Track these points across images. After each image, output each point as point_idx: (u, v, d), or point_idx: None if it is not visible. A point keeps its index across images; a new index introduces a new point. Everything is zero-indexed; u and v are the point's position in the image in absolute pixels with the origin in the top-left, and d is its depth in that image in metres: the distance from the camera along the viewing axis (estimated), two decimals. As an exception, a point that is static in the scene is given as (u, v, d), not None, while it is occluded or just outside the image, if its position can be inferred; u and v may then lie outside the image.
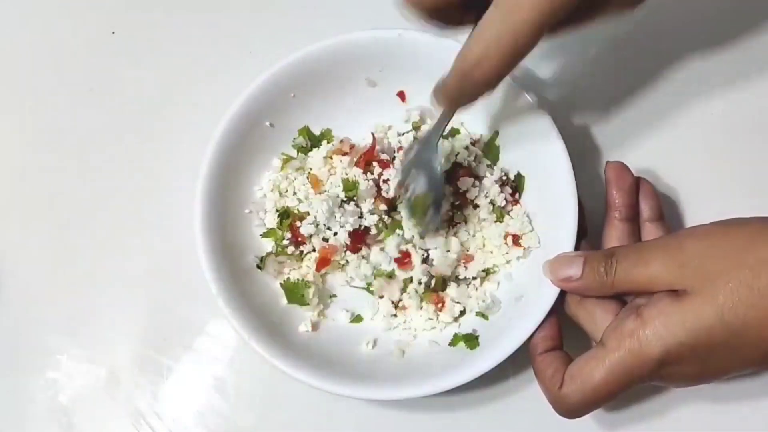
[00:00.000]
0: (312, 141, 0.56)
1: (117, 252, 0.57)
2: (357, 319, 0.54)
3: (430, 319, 0.53)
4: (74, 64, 0.61)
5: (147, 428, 0.54)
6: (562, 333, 0.49)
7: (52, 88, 0.61)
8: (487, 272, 0.54)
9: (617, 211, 0.50)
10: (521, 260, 0.53)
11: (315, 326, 0.53)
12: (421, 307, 0.53)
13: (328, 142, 0.55)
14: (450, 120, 0.49)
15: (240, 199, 0.54)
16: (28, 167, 0.59)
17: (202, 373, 0.55)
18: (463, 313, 0.53)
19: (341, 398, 0.50)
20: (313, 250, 0.54)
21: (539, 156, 0.52)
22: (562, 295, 0.49)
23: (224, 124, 0.52)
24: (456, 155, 0.54)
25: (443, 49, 0.50)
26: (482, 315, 0.52)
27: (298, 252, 0.54)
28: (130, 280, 0.57)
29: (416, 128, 0.56)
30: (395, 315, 0.53)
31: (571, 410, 0.45)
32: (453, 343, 0.51)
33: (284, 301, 0.53)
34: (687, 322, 0.42)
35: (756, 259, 0.41)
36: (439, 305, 0.53)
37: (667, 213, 0.52)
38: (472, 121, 0.56)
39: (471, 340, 0.51)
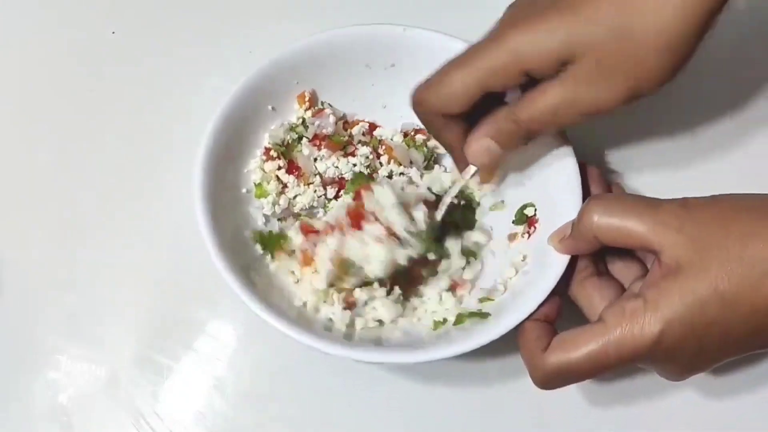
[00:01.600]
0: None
1: (117, 252, 0.57)
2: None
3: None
4: (74, 64, 0.61)
5: (147, 428, 0.54)
6: (560, 314, 0.48)
7: (51, 89, 0.61)
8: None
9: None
10: (525, 245, 0.53)
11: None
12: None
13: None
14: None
15: (240, 181, 0.54)
16: (28, 167, 0.59)
17: (202, 373, 0.55)
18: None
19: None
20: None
21: (537, 146, 0.52)
22: (568, 275, 0.48)
23: (225, 105, 0.51)
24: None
25: (448, 49, 0.50)
26: (487, 299, 0.51)
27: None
28: (130, 280, 0.57)
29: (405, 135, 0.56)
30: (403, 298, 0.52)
31: (547, 376, 0.45)
32: (458, 321, 0.50)
33: (290, 278, 0.52)
34: (685, 300, 0.42)
35: (745, 231, 0.42)
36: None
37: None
38: None
39: (479, 314, 0.50)
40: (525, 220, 0.53)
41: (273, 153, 0.54)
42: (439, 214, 0.52)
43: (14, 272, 0.57)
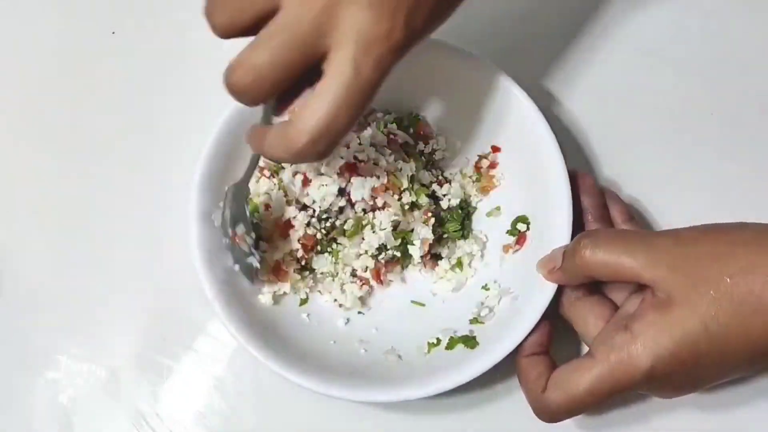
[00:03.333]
0: None
1: (117, 252, 0.57)
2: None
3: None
4: (74, 64, 0.61)
5: (147, 428, 0.54)
6: (552, 339, 0.49)
7: (51, 89, 0.61)
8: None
9: (588, 213, 0.52)
10: (516, 260, 0.53)
11: (277, 300, 0.53)
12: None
13: None
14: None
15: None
16: (28, 168, 0.59)
17: (202, 373, 0.55)
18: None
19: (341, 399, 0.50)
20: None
21: (533, 157, 0.52)
22: (558, 296, 0.49)
23: (218, 127, 0.52)
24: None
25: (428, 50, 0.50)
26: (477, 321, 0.52)
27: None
28: (130, 280, 0.57)
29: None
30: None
31: (551, 414, 0.46)
32: (450, 346, 0.51)
33: (281, 305, 0.53)
34: (674, 335, 0.42)
35: (736, 268, 0.42)
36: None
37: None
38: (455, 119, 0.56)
39: (469, 340, 0.51)
40: (517, 234, 0.53)
41: (266, 172, 0.54)
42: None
43: (14, 272, 0.57)
